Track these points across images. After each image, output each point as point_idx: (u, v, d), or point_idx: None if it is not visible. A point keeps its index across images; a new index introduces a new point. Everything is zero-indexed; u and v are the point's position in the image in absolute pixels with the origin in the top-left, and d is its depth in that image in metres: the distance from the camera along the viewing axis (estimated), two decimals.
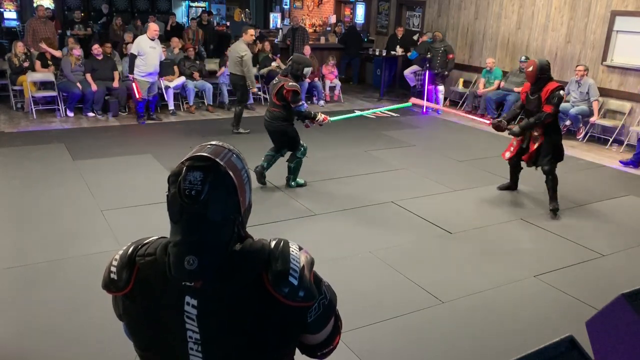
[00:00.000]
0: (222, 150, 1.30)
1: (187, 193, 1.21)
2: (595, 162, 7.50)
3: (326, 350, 1.43)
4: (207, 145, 1.31)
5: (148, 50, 7.97)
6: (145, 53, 7.95)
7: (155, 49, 8.10)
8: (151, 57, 8.01)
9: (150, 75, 8.13)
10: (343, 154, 7.19)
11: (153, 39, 8.09)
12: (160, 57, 8.31)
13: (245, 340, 1.28)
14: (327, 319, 1.37)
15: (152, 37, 8.08)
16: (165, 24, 12.80)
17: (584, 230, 5.12)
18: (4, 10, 14.26)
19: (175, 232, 1.25)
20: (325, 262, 3.74)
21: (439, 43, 9.99)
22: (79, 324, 3.35)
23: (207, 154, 1.26)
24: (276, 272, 1.24)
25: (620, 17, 8.25)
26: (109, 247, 4.22)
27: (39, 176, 5.88)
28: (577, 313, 3.55)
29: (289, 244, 1.31)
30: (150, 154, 6.82)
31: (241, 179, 1.28)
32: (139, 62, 7.96)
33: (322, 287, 1.35)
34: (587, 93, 8.32)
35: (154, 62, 8.08)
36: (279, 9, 17.11)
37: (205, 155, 1.26)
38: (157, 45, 8.20)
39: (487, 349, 3.31)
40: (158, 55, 8.18)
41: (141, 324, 1.34)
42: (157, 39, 8.27)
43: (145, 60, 7.97)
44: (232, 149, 1.32)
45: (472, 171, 6.52)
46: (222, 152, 1.29)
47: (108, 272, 1.34)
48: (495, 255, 4.58)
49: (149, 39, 8.05)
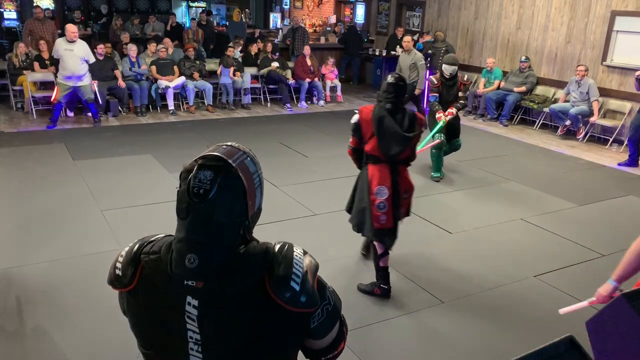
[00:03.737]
0: (236, 152, 1.28)
1: (195, 191, 1.21)
2: (595, 162, 7.50)
3: (330, 355, 1.42)
4: (222, 145, 1.30)
5: (63, 52, 7.55)
6: (61, 56, 7.56)
7: (73, 52, 7.59)
8: (68, 60, 7.57)
9: (69, 78, 7.66)
10: (343, 154, 7.15)
11: (71, 41, 7.59)
12: (85, 59, 7.75)
13: (246, 343, 1.27)
14: (331, 324, 1.35)
15: (70, 39, 7.58)
16: (165, 24, 12.82)
17: (584, 230, 5.12)
18: (4, 11, 14.27)
19: (180, 229, 1.25)
20: (326, 262, 3.74)
21: (440, 43, 10.00)
22: (79, 324, 3.35)
23: (220, 154, 1.26)
24: (278, 277, 1.23)
25: (620, 17, 8.25)
26: (109, 247, 4.22)
27: (39, 176, 5.88)
28: (577, 313, 3.55)
29: (293, 247, 1.29)
30: (150, 154, 6.82)
31: (252, 183, 1.27)
32: (59, 65, 7.67)
33: (327, 292, 1.34)
34: (587, 93, 8.32)
35: (71, 65, 7.59)
36: (279, 9, 17.11)
37: (219, 155, 1.25)
38: (78, 47, 7.65)
39: (487, 349, 3.31)
40: (78, 58, 7.64)
41: (143, 322, 1.34)
42: (80, 41, 7.77)
43: (62, 64, 7.59)
44: (247, 152, 1.31)
45: (472, 171, 6.51)
46: (236, 154, 1.28)
47: (113, 269, 1.34)
48: (495, 255, 4.58)
49: (67, 41, 7.59)
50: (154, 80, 9.20)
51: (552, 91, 9.22)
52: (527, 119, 9.64)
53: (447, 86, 6.14)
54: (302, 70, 10.28)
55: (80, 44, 7.74)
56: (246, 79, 9.92)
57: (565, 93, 8.77)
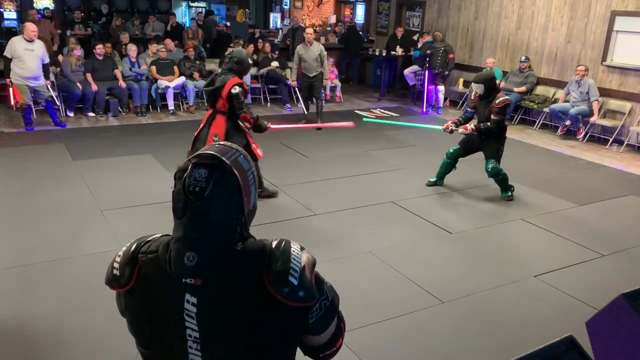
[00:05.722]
0: (229, 150, 1.31)
1: (191, 189, 1.22)
2: (595, 162, 7.50)
3: (329, 352, 1.42)
4: (215, 145, 1.32)
5: (22, 52, 7.29)
6: (20, 56, 7.29)
7: (33, 52, 7.37)
8: (27, 60, 7.33)
9: (28, 79, 7.42)
10: (343, 154, 7.19)
11: (31, 40, 7.35)
12: (43, 60, 7.53)
13: (245, 340, 1.27)
14: (329, 320, 1.36)
15: (29, 38, 7.33)
16: (165, 24, 12.82)
17: (584, 230, 5.12)
18: (4, 11, 14.27)
19: (177, 228, 1.26)
20: (326, 262, 3.74)
21: (439, 43, 9.99)
22: (79, 324, 3.35)
23: (214, 152, 1.28)
24: (276, 272, 1.24)
25: (620, 17, 8.25)
26: (109, 247, 4.22)
27: (39, 176, 5.88)
28: (577, 313, 3.55)
29: (290, 244, 1.31)
30: (150, 154, 6.82)
31: (247, 180, 1.29)
32: (14, 65, 7.32)
33: (324, 288, 1.35)
34: (587, 93, 8.32)
35: (31, 65, 7.36)
36: (279, 9, 17.12)
37: (212, 153, 1.27)
38: (37, 47, 7.45)
39: (487, 349, 3.31)
40: (37, 58, 7.41)
41: (142, 321, 1.34)
42: (39, 41, 7.55)
43: (21, 64, 7.32)
44: (239, 150, 1.33)
45: (472, 171, 6.51)
46: (229, 152, 1.30)
47: (111, 269, 1.35)
48: (495, 255, 4.58)
49: (26, 40, 7.33)
50: (154, 80, 9.20)
51: (552, 91, 9.22)
52: (527, 119, 9.64)
53: (482, 104, 5.71)
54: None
55: (39, 44, 7.53)
56: (246, 79, 9.90)
57: (565, 93, 8.77)
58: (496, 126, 5.57)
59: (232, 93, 4.90)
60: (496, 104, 5.53)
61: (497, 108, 5.53)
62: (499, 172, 5.69)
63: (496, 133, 5.66)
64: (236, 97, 4.92)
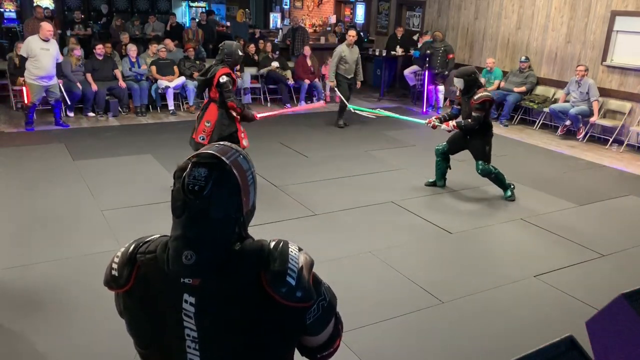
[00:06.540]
0: (229, 150, 1.31)
1: (190, 188, 1.23)
2: (595, 162, 7.49)
3: (326, 352, 1.43)
4: (215, 145, 1.33)
5: (39, 52, 7.33)
6: (36, 55, 7.33)
7: (49, 51, 7.43)
8: (43, 59, 7.38)
9: (42, 79, 7.48)
10: (343, 154, 7.19)
11: (46, 39, 7.40)
12: (57, 59, 7.63)
13: (243, 340, 1.28)
14: (326, 321, 1.36)
15: (45, 37, 7.39)
16: (165, 24, 12.81)
17: (584, 230, 5.12)
18: (4, 11, 14.26)
19: (176, 227, 1.26)
20: (325, 262, 3.74)
21: (439, 43, 9.99)
22: (79, 324, 3.35)
23: (214, 152, 1.28)
24: (274, 272, 1.24)
25: (620, 17, 8.24)
26: (109, 247, 4.22)
27: (39, 176, 5.88)
28: (577, 313, 3.55)
29: (288, 244, 1.31)
30: (150, 154, 6.82)
31: (246, 180, 1.29)
32: (29, 64, 7.38)
33: (322, 288, 1.35)
34: (587, 93, 8.32)
35: (47, 64, 7.42)
36: (279, 9, 17.11)
37: (212, 153, 1.28)
38: (52, 46, 7.52)
39: (487, 349, 3.31)
40: (52, 57, 7.49)
41: (140, 321, 1.34)
42: (53, 40, 7.60)
43: (36, 63, 7.36)
44: (239, 150, 1.34)
45: (472, 171, 6.50)
46: (229, 151, 1.30)
47: (110, 269, 1.35)
48: (495, 255, 4.58)
49: (41, 39, 7.37)
50: (154, 80, 9.20)
51: (552, 91, 9.22)
52: (527, 119, 9.64)
53: (464, 101, 5.66)
54: (302, 70, 10.27)
55: (54, 43, 7.60)
56: (246, 79, 9.92)
57: (565, 93, 8.77)
58: (476, 123, 5.43)
59: (220, 82, 5.21)
60: (475, 100, 5.39)
61: (477, 104, 5.39)
62: (490, 171, 5.63)
63: (481, 132, 5.54)
64: (224, 85, 5.21)
